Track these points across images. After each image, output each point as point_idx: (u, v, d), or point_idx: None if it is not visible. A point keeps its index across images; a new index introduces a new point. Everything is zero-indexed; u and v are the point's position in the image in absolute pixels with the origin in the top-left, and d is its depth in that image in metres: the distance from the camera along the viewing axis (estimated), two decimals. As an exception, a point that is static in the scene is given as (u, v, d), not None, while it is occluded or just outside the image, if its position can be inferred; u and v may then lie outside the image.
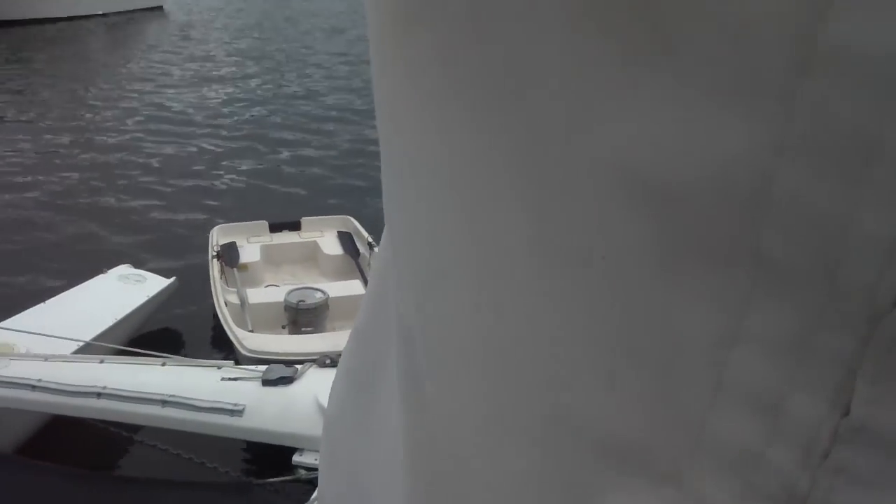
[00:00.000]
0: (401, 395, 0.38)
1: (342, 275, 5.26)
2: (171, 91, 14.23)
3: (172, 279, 5.09)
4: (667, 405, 0.22)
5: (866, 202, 0.17)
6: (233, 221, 6.05)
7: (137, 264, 5.35)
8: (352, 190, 8.13)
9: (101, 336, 4.17)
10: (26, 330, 3.93)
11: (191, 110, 12.54)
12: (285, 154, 10.00)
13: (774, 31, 0.17)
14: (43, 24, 22.14)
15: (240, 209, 7.64)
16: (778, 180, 0.18)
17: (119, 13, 25.91)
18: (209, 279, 5.08)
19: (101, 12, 25.10)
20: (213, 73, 16.24)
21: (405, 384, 0.36)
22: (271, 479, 3.15)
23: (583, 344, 0.24)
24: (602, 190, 0.22)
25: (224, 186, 8.73)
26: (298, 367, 3.41)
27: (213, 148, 10.28)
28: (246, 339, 4.19)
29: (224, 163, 9.57)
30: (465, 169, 0.26)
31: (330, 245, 5.60)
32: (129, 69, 16.65)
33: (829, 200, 0.17)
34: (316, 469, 2.41)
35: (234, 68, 16.80)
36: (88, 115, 12.31)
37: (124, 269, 5.11)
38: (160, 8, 28.77)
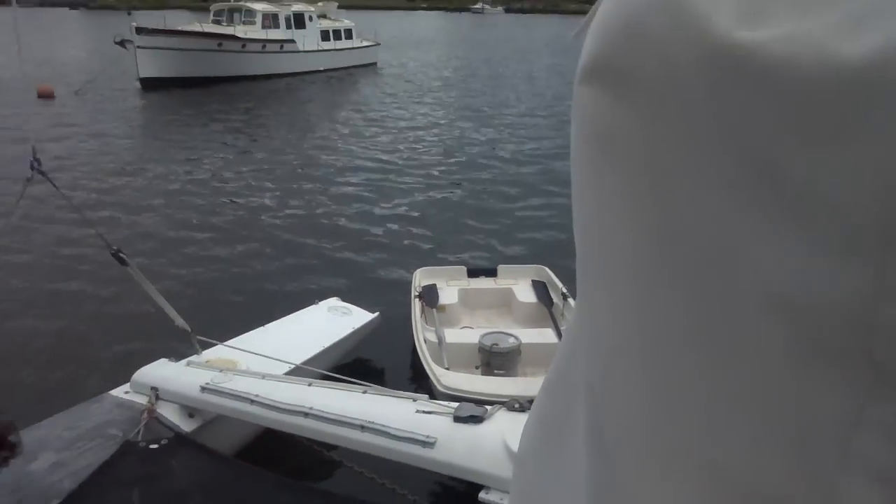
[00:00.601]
0: (585, 442, 0.46)
1: (534, 322, 5.38)
2: (382, 138, 15.27)
3: (376, 314, 5.43)
4: (803, 467, 0.30)
5: None
6: (433, 265, 6.42)
7: (345, 298, 5.75)
8: (549, 242, 8.28)
9: (310, 361, 4.53)
10: (249, 350, 4.38)
11: (399, 159, 13.37)
12: (488, 203, 10.37)
13: (867, 218, 0.27)
14: (274, 79, 24.81)
15: (440, 253, 8.04)
16: (880, 310, 0.27)
17: (337, 69, 28.28)
18: (408, 317, 5.39)
19: (321, 68, 27.57)
20: (422, 123, 17.22)
21: (589, 434, 0.45)
22: (457, 513, 3.24)
23: (732, 413, 0.32)
24: (750, 302, 0.31)
25: (427, 231, 9.20)
26: (489, 407, 3.51)
27: (418, 194, 10.89)
28: (443, 377, 4.39)
29: (430, 210, 10.11)
30: (640, 276, 0.37)
31: (524, 293, 5.76)
32: (344, 117, 18.09)
33: None
34: (501, 508, 2.43)
35: (442, 120, 17.69)
36: (310, 153, 13.57)
37: (334, 302, 5.53)
38: (374, 64, 30.94)
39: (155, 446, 3.74)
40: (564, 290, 5.47)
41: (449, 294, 5.79)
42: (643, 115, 0.35)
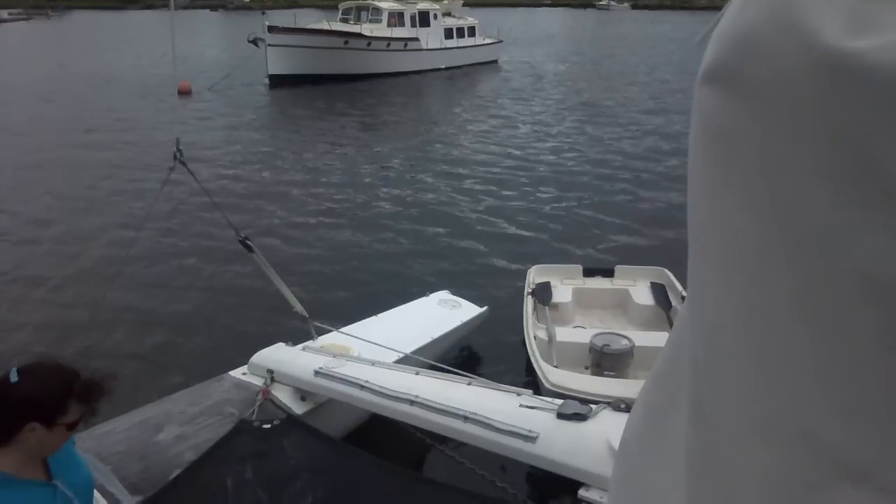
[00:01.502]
0: (687, 418, 0.49)
1: (651, 325, 5.25)
2: (503, 133, 15.34)
3: (485, 308, 5.49)
4: (891, 441, 0.32)
5: None
6: (547, 263, 6.38)
7: (455, 292, 5.84)
8: (670, 243, 8.09)
9: (418, 351, 4.62)
10: (361, 337, 4.53)
11: (519, 154, 13.38)
12: (604, 202, 10.23)
13: None
14: (398, 76, 25.39)
15: (557, 252, 8.01)
16: None
17: (459, 66, 28.56)
18: (519, 313, 5.41)
19: (444, 66, 27.93)
20: (543, 119, 17.16)
21: (692, 409, 0.48)
22: (556, 509, 3.24)
23: (827, 387, 0.34)
24: (848, 285, 0.34)
25: (542, 229, 9.18)
26: (594, 406, 3.48)
27: (535, 191, 10.87)
28: (550, 374, 4.37)
29: (545, 207, 10.08)
30: (748, 259, 0.41)
31: (642, 295, 5.64)
32: (465, 113, 18.30)
33: None
34: (601, 506, 2.40)
35: (564, 116, 17.57)
36: (429, 148, 13.85)
37: (444, 295, 5.63)
38: (495, 62, 31.03)
39: (268, 426, 3.93)
40: (684, 294, 5.28)
41: (563, 292, 5.74)
42: (757, 115, 0.39)
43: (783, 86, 0.37)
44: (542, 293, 5.60)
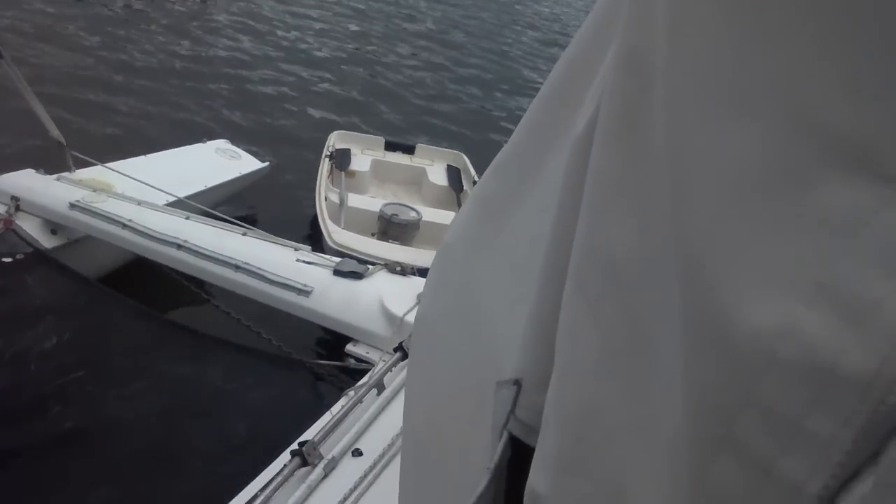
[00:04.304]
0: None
1: (441, 204, 5.35)
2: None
3: (266, 163, 5.24)
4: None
5: None
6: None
7: (238, 144, 5.50)
8: (475, 137, 8.13)
9: (191, 197, 4.31)
10: (127, 174, 4.13)
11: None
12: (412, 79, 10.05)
13: None
14: None
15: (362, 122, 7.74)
16: None
17: None
18: (313, 175, 5.26)
19: None
20: None
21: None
22: (321, 361, 3.26)
23: (824, 49, 0.27)
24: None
25: (353, 97, 8.78)
26: (371, 266, 3.50)
27: (348, 59, 10.36)
28: (335, 234, 4.33)
29: (355, 76, 9.60)
30: None
31: (437, 175, 5.71)
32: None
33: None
34: (366, 361, 2.50)
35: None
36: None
37: (222, 144, 5.27)
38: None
39: (9, 259, 3.54)
40: (476, 179, 5.45)
41: (361, 161, 5.68)
42: None
43: None
44: (341, 159, 5.51)
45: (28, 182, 3.91)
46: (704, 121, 0.31)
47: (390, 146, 6.00)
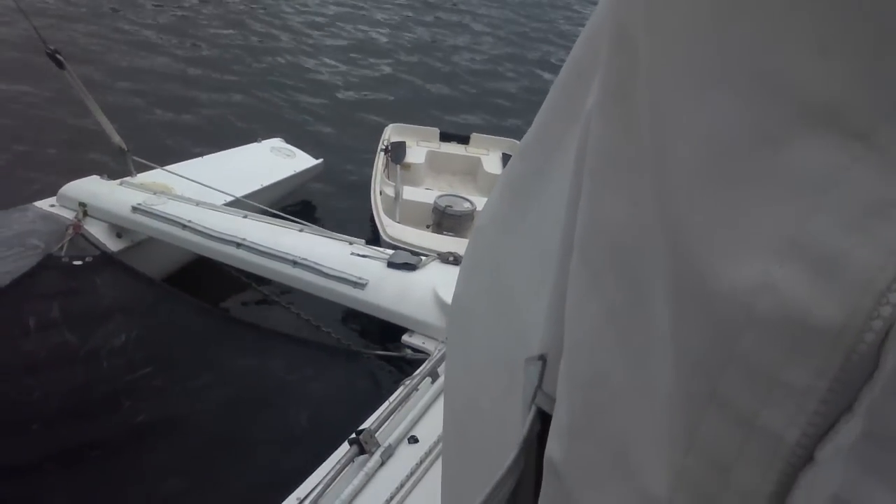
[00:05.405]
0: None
1: None
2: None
3: (320, 160, 5.31)
4: (874, 68, 0.25)
5: None
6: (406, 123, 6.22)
7: (291, 142, 5.59)
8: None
9: (248, 196, 4.42)
10: (185, 176, 4.26)
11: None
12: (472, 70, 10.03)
13: None
14: None
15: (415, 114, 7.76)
16: None
17: None
18: (370, 169, 5.33)
19: None
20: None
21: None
22: (378, 352, 3.31)
23: (791, 11, 0.27)
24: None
25: (405, 91, 8.80)
26: (423, 257, 3.54)
27: (397, 55, 10.43)
28: (390, 227, 4.39)
29: (409, 72, 9.58)
30: None
31: (492, 164, 5.69)
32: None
33: None
34: (421, 351, 2.51)
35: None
36: None
37: (277, 142, 5.37)
38: None
39: (79, 263, 3.67)
40: None
41: (417, 153, 5.71)
42: None
43: None
44: (396, 152, 5.54)
45: (94, 188, 4.06)
46: (680, 89, 0.32)
47: (445, 137, 6.00)
